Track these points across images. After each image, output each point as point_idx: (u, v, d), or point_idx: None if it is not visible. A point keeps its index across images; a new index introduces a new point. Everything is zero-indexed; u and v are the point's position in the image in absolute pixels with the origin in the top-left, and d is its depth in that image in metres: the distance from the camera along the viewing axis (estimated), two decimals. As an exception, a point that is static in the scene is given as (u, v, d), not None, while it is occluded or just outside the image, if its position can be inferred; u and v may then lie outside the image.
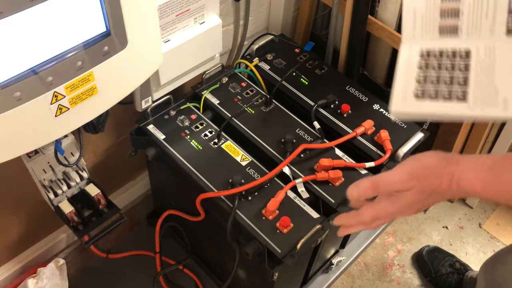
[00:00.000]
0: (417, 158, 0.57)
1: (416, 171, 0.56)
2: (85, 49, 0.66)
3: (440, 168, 0.55)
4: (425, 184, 0.55)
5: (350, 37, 1.18)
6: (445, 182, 0.54)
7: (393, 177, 0.57)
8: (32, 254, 1.20)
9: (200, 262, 1.24)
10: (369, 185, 0.58)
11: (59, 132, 0.73)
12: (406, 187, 0.56)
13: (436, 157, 0.56)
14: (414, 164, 0.57)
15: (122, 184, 1.35)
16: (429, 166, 0.55)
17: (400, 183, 0.56)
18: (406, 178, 0.56)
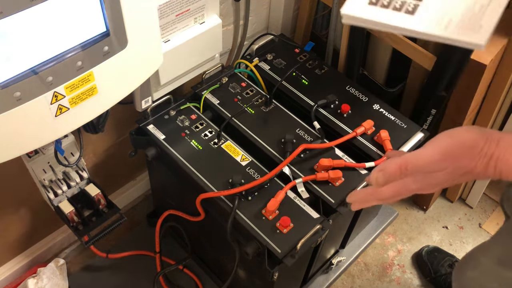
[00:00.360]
0: (451, 135, 0.51)
1: (450, 151, 0.49)
2: (85, 49, 0.66)
3: (477, 148, 0.48)
4: (459, 165, 0.49)
5: (350, 37, 1.18)
6: (481, 164, 0.48)
7: (424, 158, 0.50)
8: (32, 254, 1.20)
9: (200, 262, 1.24)
10: (397, 168, 0.51)
11: (59, 132, 0.73)
12: (439, 169, 0.50)
13: (473, 134, 0.49)
14: (448, 142, 0.50)
15: (122, 184, 1.35)
16: (466, 145, 0.49)
17: (432, 164, 0.50)
18: (438, 158, 0.49)
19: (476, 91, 1.14)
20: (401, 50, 1.15)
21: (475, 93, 1.15)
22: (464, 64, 1.09)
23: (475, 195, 1.54)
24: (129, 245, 1.25)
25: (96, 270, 1.24)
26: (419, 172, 0.52)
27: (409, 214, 1.54)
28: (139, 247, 1.25)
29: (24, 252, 1.19)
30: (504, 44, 1.13)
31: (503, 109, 1.33)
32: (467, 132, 0.50)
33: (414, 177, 0.53)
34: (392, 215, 1.44)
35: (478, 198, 1.54)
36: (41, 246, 1.21)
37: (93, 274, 1.24)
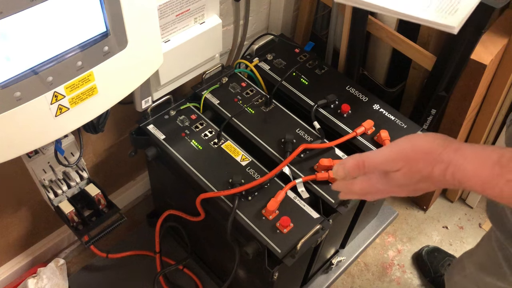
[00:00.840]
0: (409, 139, 0.52)
1: (405, 153, 0.51)
2: (85, 49, 0.66)
3: (434, 153, 0.49)
4: (414, 168, 0.50)
5: (350, 37, 1.18)
6: (438, 170, 0.49)
7: (378, 157, 0.53)
8: (32, 254, 1.20)
9: (200, 262, 1.24)
10: (355, 163, 0.54)
11: (59, 132, 0.73)
12: (392, 168, 0.52)
13: (431, 140, 0.51)
14: (404, 144, 0.52)
15: (122, 184, 1.35)
16: (421, 149, 0.50)
17: (386, 163, 0.52)
18: (393, 158, 0.51)
19: (476, 91, 1.14)
20: (401, 50, 1.15)
21: (475, 93, 1.15)
22: (464, 64, 1.09)
23: (475, 195, 1.54)
24: (129, 245, 1.26)
25: (96, 270, 1.24)
26: (375, 169, 0.53)
27: (409, 214, 1.54)
28: (139, 247, 1.25)
29: (24, 252, 1.19)
30: (504, 44, 1.13)
31: (503, 109, 1.33)
32: (426, 137, 0.51)
33: (380, 176, 0.54)
34: (392, 215, 1.44)
35: (478, 198, 1.54)
36: (41, 246, 1.21)
37: (93, 274, 1.24)
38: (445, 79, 1.12)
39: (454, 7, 0.51)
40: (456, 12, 0.51)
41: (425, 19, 0.53)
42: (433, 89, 1.16)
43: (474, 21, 1.00)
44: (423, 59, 1.13)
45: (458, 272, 1.06)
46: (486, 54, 1.10)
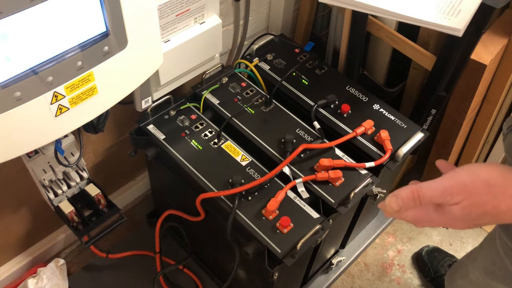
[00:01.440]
0: (470, 169, 0.48)
1: (464, 184, 0.47)
2: (85, 49, 0.66)
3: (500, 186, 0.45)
4: (476, 202, 0.46)
5: (350, 37, 1.18)
6: (505, 204, 0.45)
7: (437, 187, 0.48)
8: (32, 254, 1.20)
9: (200, 262, 1.24)
10: (410, 195, 0.49)
11: (59, 132, 0.73)
12: (450, 202, 0.48)
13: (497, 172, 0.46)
14: (463, 175, 0.48)
15: (122, 184, 1.35)
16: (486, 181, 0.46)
17: (443, 196, 0.48)
18: (452, 191, 0.47)
19: (476, 91, 1.14)
20: (401, 50, 1.15)
21: (475, 93, 1.15)
22: (464, 64, 1.09)
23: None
24: (129, 245, 1.26)
25: (96, 270, 1.24)
26: (432, 201, 0.50)
27: (409, 214, 1.54)
28: (139, 247, 1.25)
29: (24, 252, 1.19)
30: (504, 44, 1.13)
31: (503, 109, 1.33)
32: (488, 168, 0.48)
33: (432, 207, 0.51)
34: (392, 215, 1.43)
35: None
36: (41, 246, 1.21)
37: (93, 274, 1.24)
38: (445, 79, 1.12)
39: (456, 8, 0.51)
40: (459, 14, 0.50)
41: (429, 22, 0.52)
42: (433, 89, 1.16)
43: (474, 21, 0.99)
44: (423, 59, 1.13)
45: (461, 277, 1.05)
46: (486, 54, 1.10)
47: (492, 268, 0.91)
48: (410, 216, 0.52)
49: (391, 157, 0.98)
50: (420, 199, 0.49)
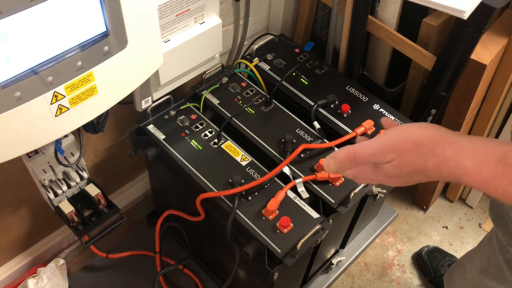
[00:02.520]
0: (400, 129, 0.50)
1: (395, 144, 0.49)
2: (85, 49, 0.66)
3: (427, 146, 0.47)
4: (406, 160, 0.48)
5: (350, 37, 1.18)
6: (431, 164, 0.46)
7: (369, 149, 0.51)
8: (32, 254, 1.20)
9: (200, 262, 1.24)
10: (347, 156, 0.52)
11: (59, 132, 0.73)
12: (383, 160, 0.50)
13: (426, 132, 0.48)
14: (395, 135, 0.50)
15: (122, 184, 1.35)
16: (413, 140, 0.48)
17: (376, 155, 0.50)
18: (383, 150, 0.49)
19: (476, 91, 1.14)
20: (401, 50, 1.15)
21: (475, 93, 1.15)
22: (464, 64, 1.09)
23: (475, 195, 1.54)
24: (129, 245, 1.26)
25: (96, 270, 1.24)
26: (367, 161, 0.52)
27: (409, 214, 1.54)
28: (139, 247, 1.25)
29: (24, 252, 1.19)
30: (504, 44, 1.13)
31: (503, 109, 1.33)
32: (418, 128, 0.49)
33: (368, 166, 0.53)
34: (392, 215, 1.44)
35: (478, 198, 1.54)
36: (41, 246, 1.21)
37: (93, 274, 1.24)
38: (445, 79, 1.12)
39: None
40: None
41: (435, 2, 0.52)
42: (433, 89, 1.16)
43: (474, 21, 1.00)
44: (423, 59, 1.13)
45: (458, 276, 1.05)
46: (486, 54, 1.10)
47: (487, 266, 0.92)
48: (350, 174, 0.55)
49: (391, 157, 0.98)
50: (356, 159, 0.52)
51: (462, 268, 1.04)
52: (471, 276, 0.98)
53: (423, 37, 1.14)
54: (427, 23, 1.12)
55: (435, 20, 1.12)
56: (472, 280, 0.98)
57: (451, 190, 1.56)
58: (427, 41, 1.14)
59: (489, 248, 0.91)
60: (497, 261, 0.88)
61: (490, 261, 0.90)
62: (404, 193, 1.59)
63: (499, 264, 0.87)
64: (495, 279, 0.90)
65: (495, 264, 0.89)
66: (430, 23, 1.11)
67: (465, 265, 1.03)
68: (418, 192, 1.53)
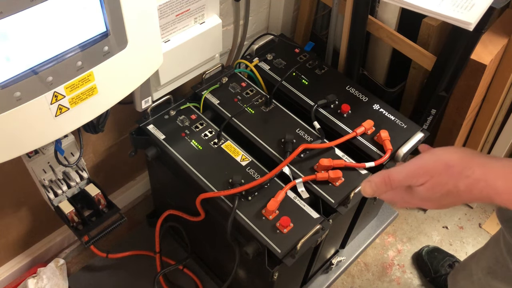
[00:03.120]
0: (433, 153, 0.52)
1: (427, 167, 0.51)
2: (85, 49, 0.66)
3: (457, 167, 0.49)
4: (438, 182, 0.50)
5: (350, 37, 1.18)
6: (463, 184, 0.49)
7: (402, 172, 0.53)
8: (32, 254, 1.20)
9: (200, 262, 1.24)
10: (382, 180, 0.54)
11: (59, 132, 0.73)
12: (416, 183, 0.52)
13: (457, 155, 0.50)
14: (428, 159, 0.52)
15: (122, 184, 1.35)
16: (445, 163, 0.50)
17: (409, 178, 0.52)
18: (416, 173, 0.52)
19: (476, 91, 1.14)
20: (401, 50, 1.15)
21: (475, 93, 1.15)
22: (464, 64, 1.09)
23: (475, 195, 1.53)
24: (129, 245, 1.26)
25: (96, 270, 1.24)
26: (400, 184, 0.54)
27: (409, 214, 1.54)
28: (139, 247, 1.25)
29: (24, 252, 1.19)
30: (504, 44, 1.13)
31: (503, 109, 1.33)
32: (448, 150, 0.52)
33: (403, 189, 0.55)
34: (392, 215, 1.44)
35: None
36: (41, 246, 1.21)
37: (93, 274, 1.24)
38: (445, 79, 1.12)
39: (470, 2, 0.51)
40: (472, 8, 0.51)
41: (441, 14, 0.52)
42: (433, 89, 1.16)
43: (474, 21, 1.00)
44: (423, 59, 1.13)
45: (464, 278, 1.05)
46: (486, 54, 1.10)
47: (494, 267, 0.91)
48: (386, 198, 0.58)
49: (391, 157, 0.98)
50: (391, 183, 0.54)
51: (467, 270, 1.03)
52: (477, 278, 0.98)
53: (423, 37, 1.14)
54: (427, 23, 1.12)
55: (435, 20, 1.12)
56: (478, 282, 0.98)
57: (451, 190, 1.55)
58: (427, 41, 1.14)
59: (497, 250, 0.90)
60: (505, 262, 0.87)
61: (498, 263, 0.90)
62: (404, 193, 1.59)
63: (508, 266, 0.87)
64: (503, 281, 0.90)
65: (503, 265, 0.88)
66: (430, 23, 1.11)
67: (470, 266, 1.02)
68: (418, 192, 1.53)
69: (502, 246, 0.88)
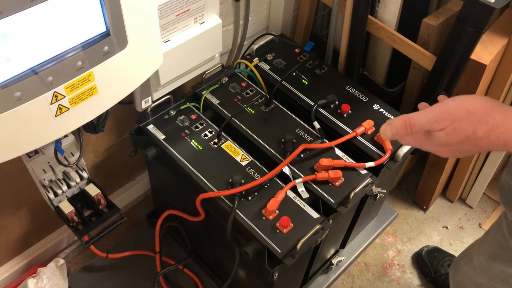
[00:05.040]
0: (455, 99, 0.53)
1: (449, 112, 0.52)
2: (85, 49, 0.66)
3: (478, 114, 0.50)
4: (458, 127, 0.51)
5: (350, 37, 1.18)
6: (482, 130, 0.49)
7: (424, 116, 0.53)
8: (32, 254, 1.20)
9: (200, 262, 1.24)
10: (402, 124, 0.54)
11: (59, 132, 0.73)
12: (437, 127, 0.52)
13: (479, 102, 0.51)
14: (450, 104, 0.52)
15: (122, 184, 1.35)
16: (465, 108, 0.51)
17: (431, 122, 0.53)
18: (438, 118, 0.52)
19: (476, 91, 1.14)
20: (401, 50, 1.15)
21: (475, 93, 1.15)
22: (464, 64, 1.09)
23: (475, 195, 1.54)
24: (129, 245, 1.26)
25: (96, 270, 1.24)
26: (421, 128, 0.54)
27: (409, 214, 1.54)
28: (139, 247, 1.25)
29: (24, 252, 1.19)
30: (504, 44, 1.13)
31: (503, 109, 1.33)
32: (472, 98, 0.52)
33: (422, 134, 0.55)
34: (392, 215, 1.44)
35: (478, 198, 1.54)
36: (41, 246, 1.21)
37: (93, 274, 1.24)
38: (445, 79, 1.12)
39: None
40: None
41: None
42: (433, 89, 1.16)
43: (474, 21, 1.00)
44: (423, 59, 1.13)
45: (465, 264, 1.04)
46: (486, 54, 1.10)
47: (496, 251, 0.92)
48: (405, 141, 0.58)
49: (391, 157, 0.98)
50: (412, 127, 0.54)
51: (468, 256, 1.03)
52: (479, 262, 0.98)
53: (423, 37, 1.14)
54: (427, 23, 1.12)
55: (435, 20, 1.12)
56: (479, 267, 0.98)
57: (451, 190, 1.56)
58: (427, 41, 1.14)
59: (499, 233, 0.90)
60: (507, 244, 0.87)
61: (500, 245, 0.90)
62: (404, 193, 1.59)
63: (509, 247, 0.87)
64: (504, 263, 0.90)
65: (505, 247, 0.88)
66: (430, 23, 1.11)
67: (471, 253, 1.02)
68: (418, 192, 1.53)
69: (504, 229, 0.88)
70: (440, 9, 1.16)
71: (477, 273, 0.99)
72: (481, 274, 0.98)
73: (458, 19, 1.02)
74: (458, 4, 1.16)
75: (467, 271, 1.04)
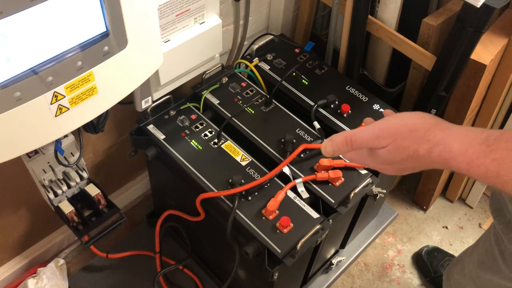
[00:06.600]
0: (397, 116, 0.52)
1: (391, 130, 0.51)
2: (85, 49, 0.66)
3: (420, 131, 0.49)
4: (400, 145, 0.50)
5: (350, 37, 1.18)
6: (423, 148, 0.48)
7: (365, 134, 0.52)
8: (32, 254, 1.20)
9: (200, 262, 1.24)
10: (343, 140, 0.53)
11: (59, 132, 0.73)
12: (378, 145, 0.51)
13: (420, 119, 0.50)
14: (392, 121, 0.52)
15: (122, 184, 1.35)
16: (408, 126, 0.50)
17: (372, 140, 0.52)
18: (379, 135, 0.51)
19: (476, 91, 1.14)
20: (401, 50, 1.15)
21: (475, 93, 1.15)
22: (464, 64, 1.09)
23: (475, 195, 1.54)
24: (129, 245, 1.26)
25: (96, 270, 1.24)
26: (362, 146, 0.53)
27: (409, 214, 1.54)
28: (139, 247, 1.25)
29: (24, 252, 1.19)
30: (504, 44, 1.13)
31: (503, 109, 1.33)
32: (414, 115, 0.51)
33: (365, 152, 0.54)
34: (392, 215, 1.44)
35: (478, 198, 1.54)
36: (41, 246, 1.21)
37: (93, 274, 1.24)
38: (445, 79, 1.12)
39: None
40: None
41: None
42: (433, 89, 1.16)
43: (474, 21, 1.00)
44: (423, 59, 1.13)
45: (457, 272, 1.06)
46: (486, 54, 1.10)
47: (483, 259, 0.92)
48: (348, 157, 0.57)
49: (391, 157, 0.98)
50: (352, 143, 0.53)
51: (460, 264, 1.04)
52: (469, 270, 0.98)
53: (423, 37, 1.14)
54: (427, 23, 1.12)
55: (435, 20, 1.12)
56: (469, 275, 0.98)
57: (451, 190, 1.56)
58: (427, 41, 1.14)
59: (487, 241, 0.91)
60: (492, 252, 0.88)
61: (487, 253, 0.90)
62: (404, 193, 1.59)
63: (494, 256, 0.87)
64: (490, 271, 0.90)
65: (491, 255, 0.89)
66: (430, 23, 1.11)
67: (463, 260, 1.03)
68: (418, 192, 1.53)
69: (491, 236, 0.88)
70: (440, 9, 1.16)
71: (467, 281, 0.99)
72: (470, 282, 0.98)
73: (458, 19, 1.02)
74: (458, 4, 1.16)
75: (458, 279, 1.05)
